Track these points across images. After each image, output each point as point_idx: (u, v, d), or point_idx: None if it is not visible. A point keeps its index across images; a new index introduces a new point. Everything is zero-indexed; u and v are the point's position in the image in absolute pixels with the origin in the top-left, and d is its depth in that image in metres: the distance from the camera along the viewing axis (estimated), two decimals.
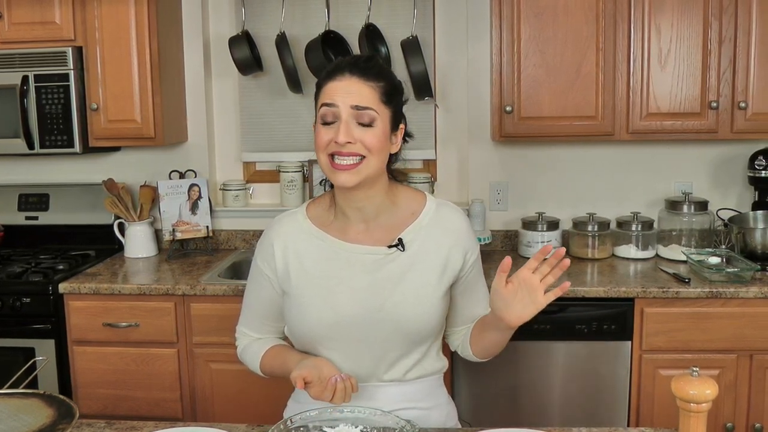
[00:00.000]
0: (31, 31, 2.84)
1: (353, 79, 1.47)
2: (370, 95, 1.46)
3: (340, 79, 1.47)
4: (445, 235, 1.57)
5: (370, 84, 1.47)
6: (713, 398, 1.03)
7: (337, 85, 1.47)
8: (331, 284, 1.53)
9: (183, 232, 3.11)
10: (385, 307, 1.51)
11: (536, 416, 2.59)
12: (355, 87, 1.46)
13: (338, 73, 1.48)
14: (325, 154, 1.47)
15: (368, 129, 1.46)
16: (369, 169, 1.47)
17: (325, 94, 1.48)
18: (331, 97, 1.47)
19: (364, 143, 1.45)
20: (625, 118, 2.74)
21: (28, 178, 3.32)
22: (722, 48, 2.66)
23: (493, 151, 3.12)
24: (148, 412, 2.69)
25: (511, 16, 2.72)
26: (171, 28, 3.04)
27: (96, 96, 2.88)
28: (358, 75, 1.47)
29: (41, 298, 2.66)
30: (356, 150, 1.45)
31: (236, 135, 3.30)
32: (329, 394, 1.41)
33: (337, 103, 1.45)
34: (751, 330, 2.47)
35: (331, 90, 1.47)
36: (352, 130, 1.45)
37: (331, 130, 1.46)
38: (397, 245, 1.53)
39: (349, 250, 1.55)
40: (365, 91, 1.46)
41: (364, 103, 1.45)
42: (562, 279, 1.42)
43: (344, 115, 1.45)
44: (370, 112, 1.46)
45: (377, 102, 1.47)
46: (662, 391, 2.52)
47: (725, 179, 3.07)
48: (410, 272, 1.53)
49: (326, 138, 1.46)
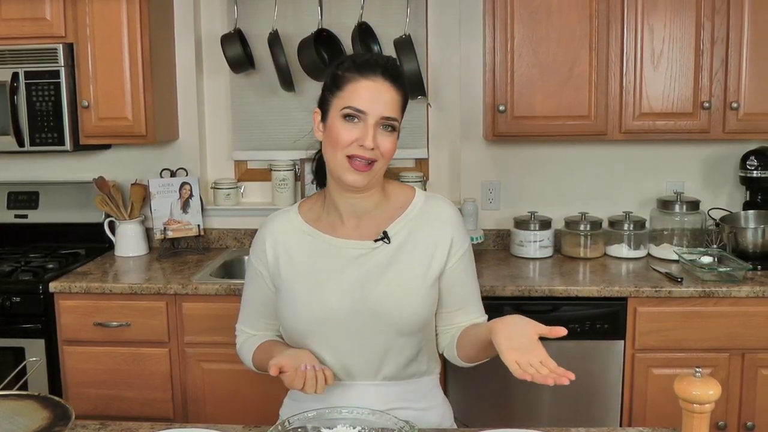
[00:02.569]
0: (21, 27, 2.81)
1: (386, 84, 1.46)
2: (397, 105, 1.48)
3: (373, 79, 1.45)
4: (431, 226, 1.57)
5: (398, 92, 1.48)
6: (716, 399, 1.03)
7: (369, 87, 1.45)
8: (320, 279, 1.54)
9: (174, 230, 3.09)
10: (371, 299, 1.51)
11: (529, 416, 2.59)
12: (387, 95, 1.46)
13: (370, 71, 1.46)
14: (343, 153, 1.46)
15: (390, 137, 1.47)
16: (379, 172, 1.50)
17: (356, 92, 1.45)
18: (363, 100, 1.44)
19: (382, 150, 1.46)
20: (617, 118, 2.75)
21: (18, 175, 3.29)
22: (714, 48, 2.67)
23: (485, 150, 3.12)
24: (139, 412, 2.67)
25: (504, 16, 2.72)
26: (162, 26, 3.02)
27: (87, 93, 2.85)
28: (390, 81, 1.47)
29: (31, 297, 2.64)
30: (373, 156, 1.46)
31: (227, 133, 3.28)
32: (300, 382, 1.42)
33: (368, 110, 1.44)
34: (744, 329, 2.48)
35: (365, 89, 1.45)
36: (376, 135, 1.45)
37: (356, 130, 1.45)
38: (383, 238, 1.54)
39: (338, 245, 1.56)
40: (395, 99, 1.47)
41: (392, 113, 1.46)
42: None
43: (371, 121, 1.44)
44: (394, 123, 1.47)
45: (399, 110, 1.49)
46: (655, 390, 2.53)
47: (716, 179, 3.09)
48: (396, 264, 1.53)
49: (350, 137, 1.45)
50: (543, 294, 2.52)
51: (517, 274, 2.72)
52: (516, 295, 2.51)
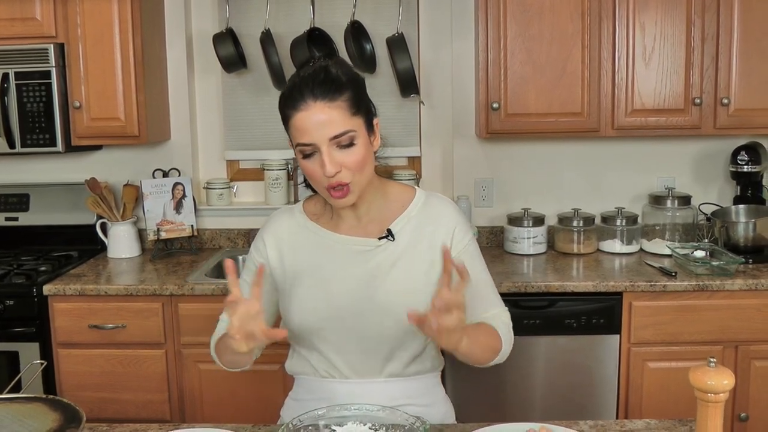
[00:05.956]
0: (11, 27, 2.78)
1: (317, 104, 1.41)
2: (340, 116, 1.42)
3: (304, 108, 1.42)
4: (433, 223, 1.58)
5: (336, 104, 1.42)
6: (730, 388, 1.05)
7: (305, 117, 1.42)
8: (325, 276, 1.55)
9: (168, 231, 3.07)
10: (377, 298, 1.52)
11: (526, 410, 2.61)
12: (323, 115, 1.41)
13: (300, 100, 1.43)
14: (322, 186, 1.47)
15: (350, 150, 1.44)
16: (361, 184, 1.49)
17: (297, 129, 1.44)
18: (305, 134, 1.42)
19: (348, 166, 1.44)
20: (610, 115, 2.77)
21: (8, 177, 3.25)
22: (705, 45, 2.70)
23: (477, 147, 3.14)
24: (135, 414, 2.65)
25: (497, 14, 2.73)
26: (153, 25, 3.00)
27: (78, 94, 2.82)
28: (321, 97, 1.42)
29: (25, 300, 2.61)
30: (342, 179, 1.44)
31: (220, 133, 3.27)
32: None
33: (314, 141, 1.42)
34: (737, 321, 2.52)
35: (302, 124, 1.43)
36: (334, 156, 1.43)
37: (317, 163, 1.44)
38: (387, 236, 1.55)
39: (341, 242, 1.57)
40: (335, 114, 1.42)
41: (339, 129, 1.42)
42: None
43: (324, 148, 1.42)
44: (348, 135, 1.43)
45: (348, 118, 1.43)
46: (650, 383, 2.56)
47: (707, 174, 3.12)
48: (400, 262, 1.54)
49: (318, 173, 1.45)
50: (539, 290, 2.53)
51: (512, 270, 2.73)
52: (512, 291, 2.52)
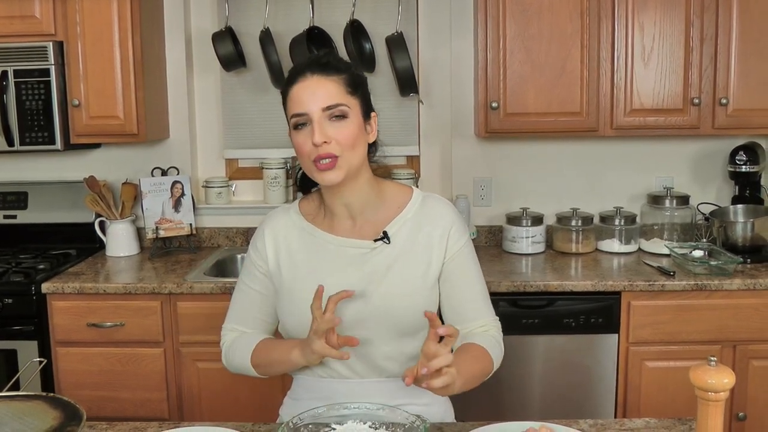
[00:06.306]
0: (10, 25, 2.77)
1: (315, 77, 1.48)
2: (336, 90, 1.48)
3: (302, 81, 1.48)
4: (429, 225, 1.58)
5: (332, 78, 1.48)
6: (731, 387, 1.05)
7: (302, 88, 1.48)
8: (321, 277, 1.53)
9: (166, 229, 3.07)
10: (373, 300, 1.52)
11: (524, 409, 2.61)
12: (321, 87, 1.47)
13: (299, 76, 1.49)
14: (308, 160, 1.48)
15: (342, 124, 1.47)
16: (349, 162, 1.49)
17: (292, 101, 1.49)
18: (299, 103, 1.47)
19: (339, 140, 1.46)
20: (609, 114, 2.77)
21: (7, 175, 3.24)
22: (704, 46, 2.71)
23: (476, 146, 3.14)
24: (134, 412, 2.65)
25: (496, 13, 2.73)
26: (153, 24, 3.00)
27: (77, 92, 2.82)
28: (319, 72, 1.48)
29: (23, 298, 2.61)
30: (332, 150, 1.46)
31: (218, 131, 3.26)
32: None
33: (307, 110, 1.46)
34: (735, 321, 2.52)
35: (298, 94, 1.48)
36: (325, 129, 1.46)
37: (307, 135, 1.46)
38: (383, 238, 1.55)
39: (337, 244, 1.57)
40: (330, 87, 1.47)
41: (333, 101, 1.46)
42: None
43: (315, 117, 1.46)
44: (341, 108, 1.47)
45: (344, 95, 1.48)
46: (649, 382, 2.56)
47: (705, 174, 3.13)
48: (397, 264, 1.54)
49: (306, 145, 1.47)
50: (538, 289, 2.53)
51: (511, 270, 2.74)
52: (511, 291, 2.53)
